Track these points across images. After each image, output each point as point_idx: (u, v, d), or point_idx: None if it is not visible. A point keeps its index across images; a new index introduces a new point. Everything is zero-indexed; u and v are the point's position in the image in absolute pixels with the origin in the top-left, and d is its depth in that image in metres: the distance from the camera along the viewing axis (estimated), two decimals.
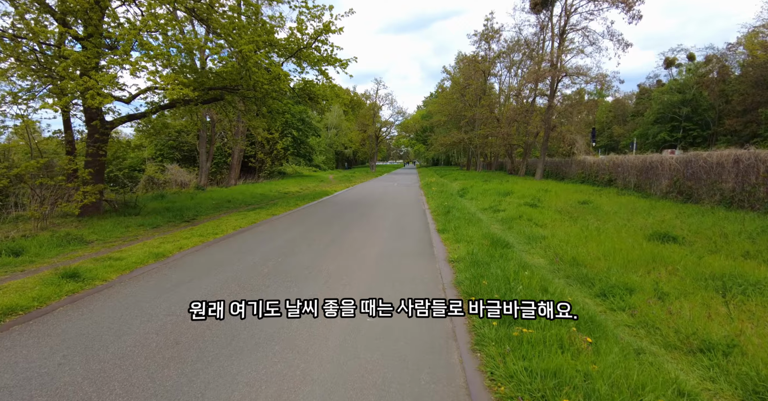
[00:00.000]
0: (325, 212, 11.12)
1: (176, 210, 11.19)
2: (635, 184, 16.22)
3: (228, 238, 7.35)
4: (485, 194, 15.81)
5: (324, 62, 10.95)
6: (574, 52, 21.60)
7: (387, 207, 12.41)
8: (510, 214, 10.10)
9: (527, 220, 9.05)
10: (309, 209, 12.04)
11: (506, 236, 7.47)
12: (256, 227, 8.54)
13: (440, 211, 10.86)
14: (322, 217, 10.17)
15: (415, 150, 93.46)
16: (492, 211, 11.27)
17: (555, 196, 14.01)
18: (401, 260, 5.75)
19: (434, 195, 15.94)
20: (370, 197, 16.20)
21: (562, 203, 12.48)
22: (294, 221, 9.39)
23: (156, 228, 8.70)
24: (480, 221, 8.92)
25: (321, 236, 7.50)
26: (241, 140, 23.80)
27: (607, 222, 8.82)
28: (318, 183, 27.03)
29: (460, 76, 40.53)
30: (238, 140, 22.10)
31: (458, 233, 7.52)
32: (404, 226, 8.83)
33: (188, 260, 5.68)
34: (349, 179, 32.61)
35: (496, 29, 29.13)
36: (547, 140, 24.59)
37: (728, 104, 43.50)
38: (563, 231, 7.48)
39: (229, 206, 12.87)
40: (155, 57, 6.91)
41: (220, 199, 14.42)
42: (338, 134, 64.30)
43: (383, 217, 10.21)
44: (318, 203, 13.89)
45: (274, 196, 16.91)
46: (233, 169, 22.98)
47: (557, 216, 9.53)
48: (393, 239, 7.36)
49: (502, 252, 5.68)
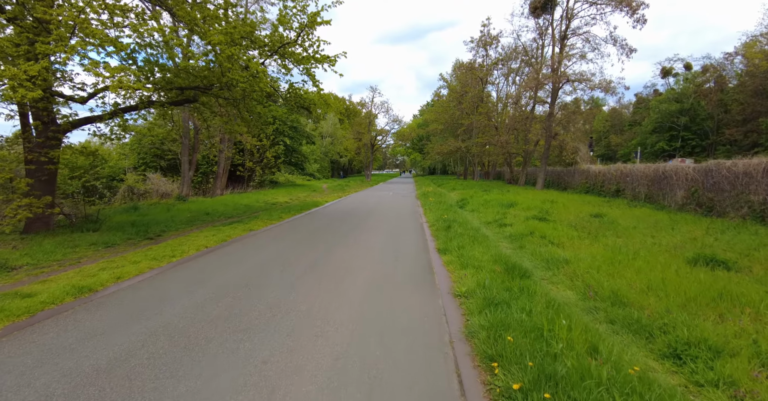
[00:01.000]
0: (311, 227, 9.91)
1: (143, 225, 9.95)
2: (646, 195, 15.18)
3: (187, 262, 6.12)
4: (487, 205, 14.69)
5: (311, 61, 9.88)
6: (575, 58, 20.79)
7: (381, 220, 11.24)
8: (519, 229, 8.96)
9: (540, 237, 7.90)
10: (293, 222, 10.83)
11: (520, 259, 6.30)
12: (225, 247, 7.31)
13: (440, 225, 9.70)
14: (306, 233, 8.97)
15: (411, 159, 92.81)
16: (497, 225, 10.13)
17: (563, 208, 12.91)
18: (395, 294, 4.55)
19: (432, 206, 14.80)
20: (363, 208, 15.02)
21: (572, 216, 11.38)
22: (272, 239, 8.17)
23: (109, 248, 7.45)
24: (486, 238, 7.75)
25: (300, 259, 6.29)
26: (228, 147, 22.64)
27: (630, 240, 7.70)
28: (310, 193, 25.83)
29: (457, 83, 39.84)
30: (223, 147, 20.93)
31: (463, 254, 6.35)
32: (399, 244, 7.64)
33: (120, 296, 4.44)
34: (343, 188, 31.45)
35: (493, 36, 28.43)
36: (548, 148, 23.65)
37: (727, 114, 43.11)
38: (587, 252, 6.33)
39: (205, 220, 11.63)
40: (100, 45, 5.79)
41: (198, 211, 13.18)
42: (333, 142, 63.44)
43: (376, 232, 9.02)
44: (305, 215, 12.69)
45: (259, 207, 15.69)
46: (219, 178, 21.75)
47: (573, 232, 8.39)
48: (386, 261, 6.18)
49: (522, 284, 4.51)
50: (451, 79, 43.98)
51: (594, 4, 20.30)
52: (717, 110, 44.48)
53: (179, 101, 9.48)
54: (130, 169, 22.33)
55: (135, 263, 5.83)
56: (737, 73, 43.50)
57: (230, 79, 8.04)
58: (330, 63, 9.49)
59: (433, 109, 50.97)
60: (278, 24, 8.88)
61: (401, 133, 58.89)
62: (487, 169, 46.81)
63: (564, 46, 21.50)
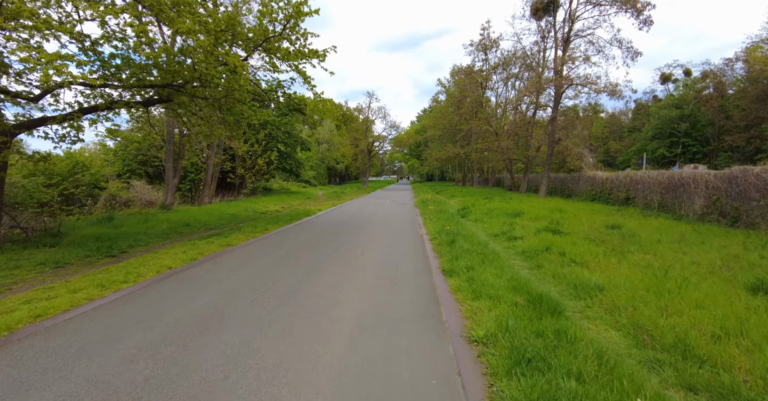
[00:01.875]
0: (298, 241, 8.86)
1: (110, 239, 8.86)
2: (660, 203, 14.25)
3: (139, 290, 5.05)
4: (491, 214, 13.69)
5: (300, 58, 8.93)
6: (579, 61, 20.01)
7: (377, 233, 10.20)
8: (532, 244, 7.95)
9: (559, 254, 6.89)
10: (279, 235, 9.77)
11: (542, 284, 5.28)
12: (192, 268, 6.24)
13: (443, 239, 8.67)
14: (290, 249, 7.91)
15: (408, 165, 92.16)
16: (506, 238, 9.11)
17: (574, 218, 11.92)
18: (391, 340, 3.50)
19: (432, 216, 13.79)
20: (359, 218, 13.99)
21: (586, 227, 10.39)
22: (250, 256, 7.10)
23: (59, 268, 6.37)
24: (497, 256, 6.73)
25: (277, 285, 5.24)
26: (216, 153, 21.63)
27: (662, 257, 6.70)
28: (303, 200, 24.77)
29: (455, 89, 39.15)
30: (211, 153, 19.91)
31: (473, 277, 5.31)
32: (397, 263, 6.61)
33: (17, 349, 3.37)
34: (339, 195, 30.41)
35: (493, 39, 27.72)
36: (551, 154, 22.77)
37: (728, 120, 42.58)
38: (620, 275, 5.31)
39: (183, 232, 10.55)
40: (35, 28, 4.81)
41: (178, 222, 12.10)
42: (330, 148, 62.65)
43: (371, 247, 7.98)
44: (294, 226, 11.63)
45: (246, 217, 14.63)
46: (207, 186, 20.68)
47: (594, 248, 7.38)
48: (381, 287, 5.13)
49: (557, 325, 3.48)
50: (449, 84, 43.33)
51: (597, 5, 19.59)
52: (718, 116, 43.99)
53: (151, 101, 8.47)
54: (113, 176, 21.24)
55: (73, 292, 4.76)
56: (737, 79, 43.11)
57: (204, 74, 7.06)
58: (319, 58, 8.53)
59: (431, 114, 50.30)
60: (261, 15, 7.93)
61: (399, 139, 58.08)
62: (486, 175, 46.00)
63: (567, 48, 20.75)
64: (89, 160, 20.75)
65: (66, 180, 18.43)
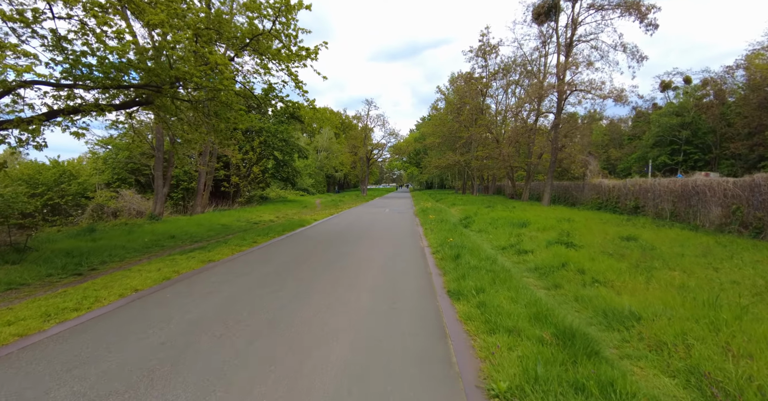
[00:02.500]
0: (287, 256, 8.09)
1: (83, 254, 8.09)
2: (672, 212, 13.53)
3: (88, 321, 4.26)
4: (495, 224, 12.95)
5: (292, 59, 8.28)
6: (582, 66, 19.49)
7: (374, 245, 9.44)
8: (544, 259, 7.19)
9: (577, 271, 6.13)
10: (268, 249, 9.00)
11: (564, 308, 4.52)
12: (161, 290, 5.46)
13: (446, 253, 7.91)
14: (278, 265, 7.14)
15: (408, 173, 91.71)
16: (515, 252, 8.35)
17: (585, 228, 11.18)
18: (390, 396, 2.73)
19: (433, 226, 13.04)
20: (356, 228, 13.23)
21: (599, 238, 9.65)
22: (230, 276, 6.33)
23: (11, 290, 5.59)
24: (509, 274, 5.96)
25: (254, 313, 4.46)
26: (209, 161, 20.93)
27: (692, 275, 5.96)
28: (300, 210, 24.01)
29: (454, 96, 38.73)
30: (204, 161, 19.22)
31: (484, 301, 4.55)
32: (396, 282, 5.84)
33: None
34: (337, 204, 29.68)
35: (493, 45, 27.32)
36: (554, 161, 22.12)
37: (730, 127, 42.16)
38: (655, 299, 4.55)
39: (165, 246, 9.78)
40: None
41: (164, 234, 11.33)
42: (329, 156, 62.11)
43: (366, 264, 7.22)
44: (286, 238, 10.86)
45: (238, 227, 13.86)
46: (199, 195, 19.93)
47: (615, 264, 6.63)
48: (377, 314, 4.37)
49: (600, 374, 2.72)
50: (448, 92, 42.96)
51: (601, 9, 19.16)
52: (719, 123, 43.61)
53: (128, 104, 7.78)
54: (102, 185, 20.48)
55: (7, 325, 3.97)
56: (738, 87, 42.84)
57: (182, 73, 6.38)
58: (311, 57, 7.88)
59: (431, 122, 49.89)
60: (247, 9, 7.29)
61: (398, 147, 57.58)
62: (486, 183, 45.37)
63: (570, 54, 20.25)
64: (77, 169, 20.01)
65: (51, 190, 17.67)
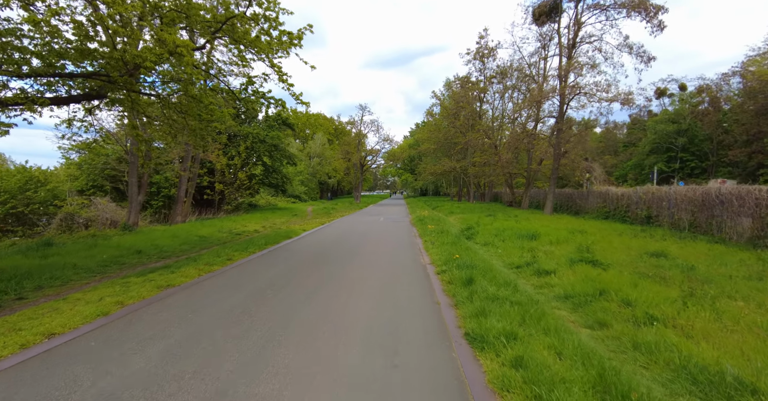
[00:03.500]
0: (262, 280, 6.79)
1: (20, 276, 6.74)
2: (691, 223, 12.48)
3: None
4: (502, 236, 11.78)
5: (273, 46, 7.09)
6: (587, 68, 18.61)
7: (367, 263, 8.19)
8: (573, 283, 6.00)
9: (622, 303, 4.94)
10: (242, 269, 7.69)
11: (631, 368, 3.31)
12: (83, 335, 4.15)
13: (454, 275, 6.67)
14: (247, 294, 5.84)
15: (402, 180, 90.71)
16: (533, 272, 7.15)
17: (604, 242, 10.04)
18: None
19: (433, 238, 11.82)
20: (347, 241, 11.97)
21: (623, 254, 8.51)
22: (183, 310, 5.01)
23: None
24: (539, 308, 4.74)
25: (197, 380, 3.19)
26: (192, 166, 19.57)
27: (762, 307, 4.81)
28: (289, 218, 22.66)
29: (450, 102, 37.86)
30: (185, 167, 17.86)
31: (521, 357, 3.33)
32: (397, 323, 4.58)
33: None
34: (329, 212, 28.37)
35: (491, 48, 26.49)
36: (557, 168, 21.13)
37: (727, 135, 41.79)
38: (750, 349, 3.37)
39: (127, 263, 8.42)
40: None
41: (129, 248, 9.96)
42: (322, 163, 60.88)
43: (359, 291, 5.96)
44: (267, 253, 9.55)
45: (218, 239, 12.51)
46: (180, 203, 18.53)
47: (662, 291, 5.45)
48: (372, 381, 3.12)
49: None
50: (444, 97, 42.09)
51: (605, 9, 18.34)
52: (715, 131, 43.27)
53: (74, 98, 6.51)
54: (74, 192, 18.97)
55: None
56: (734, 94, 42.63)
57: (132, 56, 5.14)
58: (294, 43, 6.69)
59: (426, 128, 48.97)
60: None
61: (392, 153, 56.54)
62: (482, 190, 44.33)
63: (572, 55, 19.37)
64: (46, 175, 18.50)
65: (15, 198, 16.18)
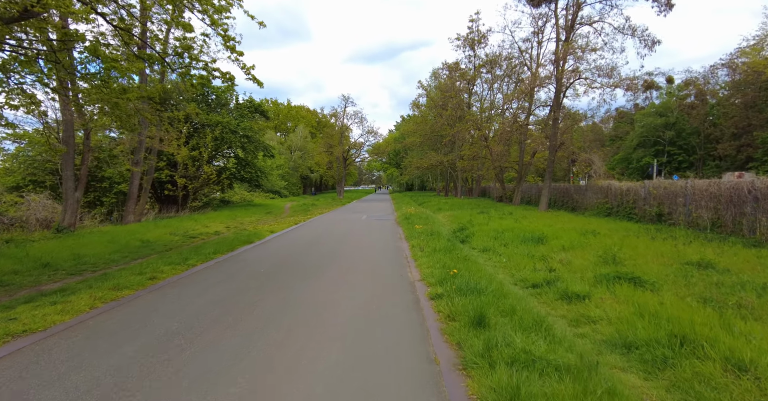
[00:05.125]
0: (181, 316, 4.79)
1: None
2: (713, 222, 11.02)
3: None
4: (502, 239, 10.04)
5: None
6: (587, 51, 16.98)
7: (340, 281, 6.29)
8: (624, 319, 4.23)
9: (726, 363, 3.18)
10: (161, 294, 5.67)
11: None
12: None
13: (456, 307, 4.80)
14: (141, 347, 3.86)
15: (387, 174, 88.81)
16: (558, 296, 5.36)
17: (628, 247, 8.35)
18: None
19: (422, 242, 9.99)
20: (319, 247, 10.02)
21: (659, 265, 6.85)
22: (25, 385, 3.04)
23: None
24: (606, 384, 2.94)
25: None
26: (147, 158, 17.17)
27: None
28: (262, 216, 20.51)
29: (437, 92, 36.02)
30: (138, 159, 15.50)
31: None
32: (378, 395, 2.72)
33: None
34: (308, 209, 26.27)
35: (483, 33, 24.69)
36: (553, 161, 19.57)
37: (715, 128, 41.27)
38: None
39: (12, 284, 6.27)
40: None
41: (37, 259, 7.75)
42: (304, 156, 58.29)
43: (320, 336, 4.06)
44: (212, 266, 7.52)
45: (164, 244, 10.38)
46: (132, 200, 16.15)
47: (752, 327, 3.73)
48: None
49: None
50: (430, 87, 40.20)
51: None
52: (703, 124, 42.76)
53: None
54: (3, 190, 16.35)
55: None
56: (721, 86, 42.11)
57: None
58: None
59: (411, 120, 47.07)
60: None
61: (377, 147, 54.47)
62: (470, 185, 42.81)
63: (570, 38, 17.70)
64: None
65: None
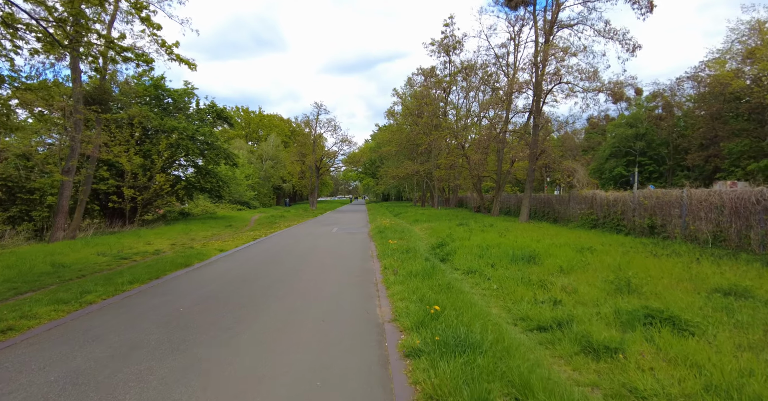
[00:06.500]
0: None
1: None
2: (715, 235, 10.06)
3: None
4: (488, 257, 8.64)
5: None
6: (569, 54, 16.24)
7: (282, 330, 4.64)
8: (690, 395, 2.83)
9: None
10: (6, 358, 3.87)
11: None
12: None
13: (443, 380, 3.29)
14: None
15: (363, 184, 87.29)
16: (578, 349, 3.92)
17: (637, 268, 7.12)
18: None
19: (396, 261, 8.44)
20: (272, 270, 8.30)
21: (684, 295, 5.59)
22: None
23: None
24: None
25: None
26: (84, 166, 14.95)
27: None
28: (219, 231, 18.43)
29: (412, 100, 35.07)
30: (70, 167, 13.33)
31: None
32: None
33: None
34: (275, 221, 24.29)
35: (458, 38, 23.90)
36: (533, 170, 18.68)
37: (683, 139, 42.27)
38: None
39: None
40: None
41: None
42: (275, 166, 55.98)
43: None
44: (122, 300, 5.68)
45: (79, 270, 8.35)
46: (61, 214, 13.85)
47: None
48: None
49: None
50: (405, 95, 39.23)
51: None
52: (671, 135, 43.81)
53: None
54: None
55: None
56: (687, 99, 43.34)
57: None
58: None
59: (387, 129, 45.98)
60: None
61: (352, 156, 52.92)
62: (447, 195, 41.86)
63: (549, 41, 16.96)
64: None
65: None
